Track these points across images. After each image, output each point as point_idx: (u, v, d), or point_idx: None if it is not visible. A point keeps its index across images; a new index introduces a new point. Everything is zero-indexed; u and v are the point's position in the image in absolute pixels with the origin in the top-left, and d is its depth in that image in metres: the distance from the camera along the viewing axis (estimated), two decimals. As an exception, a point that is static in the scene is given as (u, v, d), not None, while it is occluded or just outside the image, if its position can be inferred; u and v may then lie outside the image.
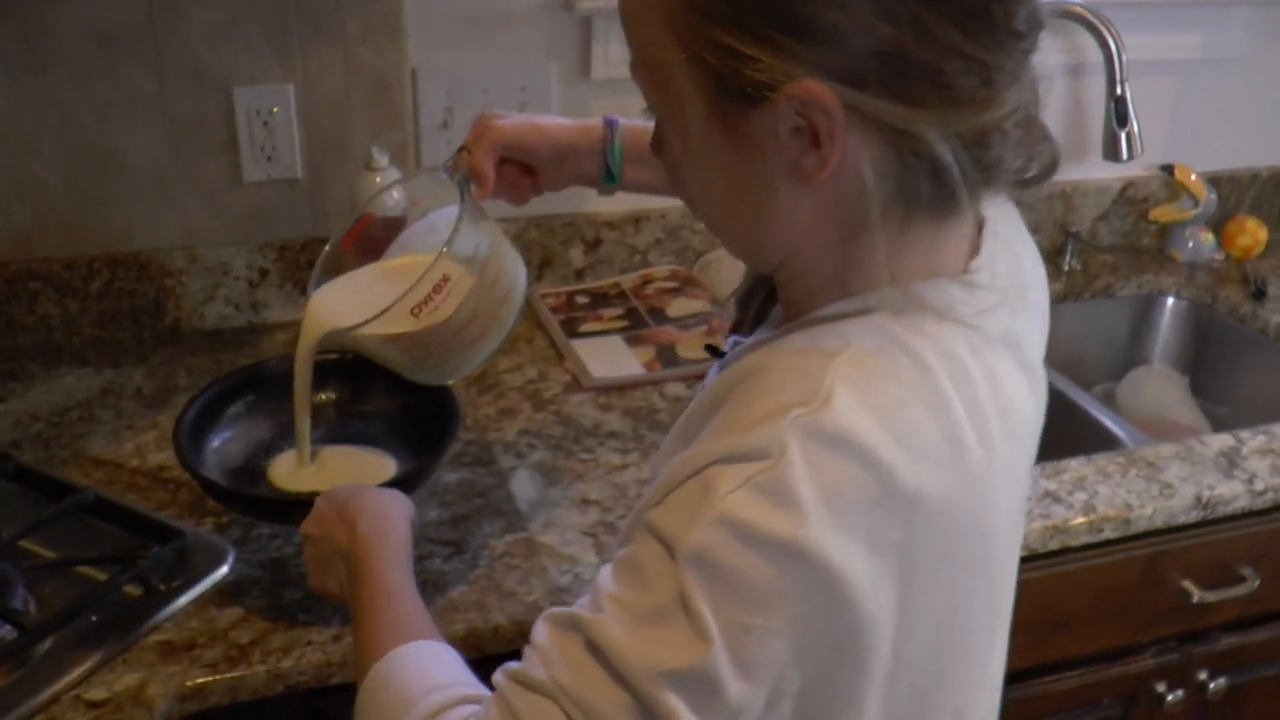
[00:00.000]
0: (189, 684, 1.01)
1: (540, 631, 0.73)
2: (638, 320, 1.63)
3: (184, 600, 1.09)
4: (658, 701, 0.66)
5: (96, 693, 0.99)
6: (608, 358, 1.53)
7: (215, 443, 1.24)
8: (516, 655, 1.10)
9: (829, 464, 0.66)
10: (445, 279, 1.04)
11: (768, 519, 0.65)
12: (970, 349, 0.72)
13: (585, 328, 1.61)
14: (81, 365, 1.54)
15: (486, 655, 1.09)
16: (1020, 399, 0.76)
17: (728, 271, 1.73)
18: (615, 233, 1.75)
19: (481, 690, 0.79)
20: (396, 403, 1.28)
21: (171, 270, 1.59)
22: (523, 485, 1.29)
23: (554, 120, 1.13)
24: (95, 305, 1.58)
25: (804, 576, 0.65)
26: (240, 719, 1.05)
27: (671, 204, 1.78)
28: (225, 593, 1.11)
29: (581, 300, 1.68)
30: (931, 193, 0.70)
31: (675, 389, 1.50)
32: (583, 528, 1.22)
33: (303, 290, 1.63)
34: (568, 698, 0.68)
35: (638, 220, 1.76)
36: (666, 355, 1.55)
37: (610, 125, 1.13)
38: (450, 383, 1.21)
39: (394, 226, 1.20)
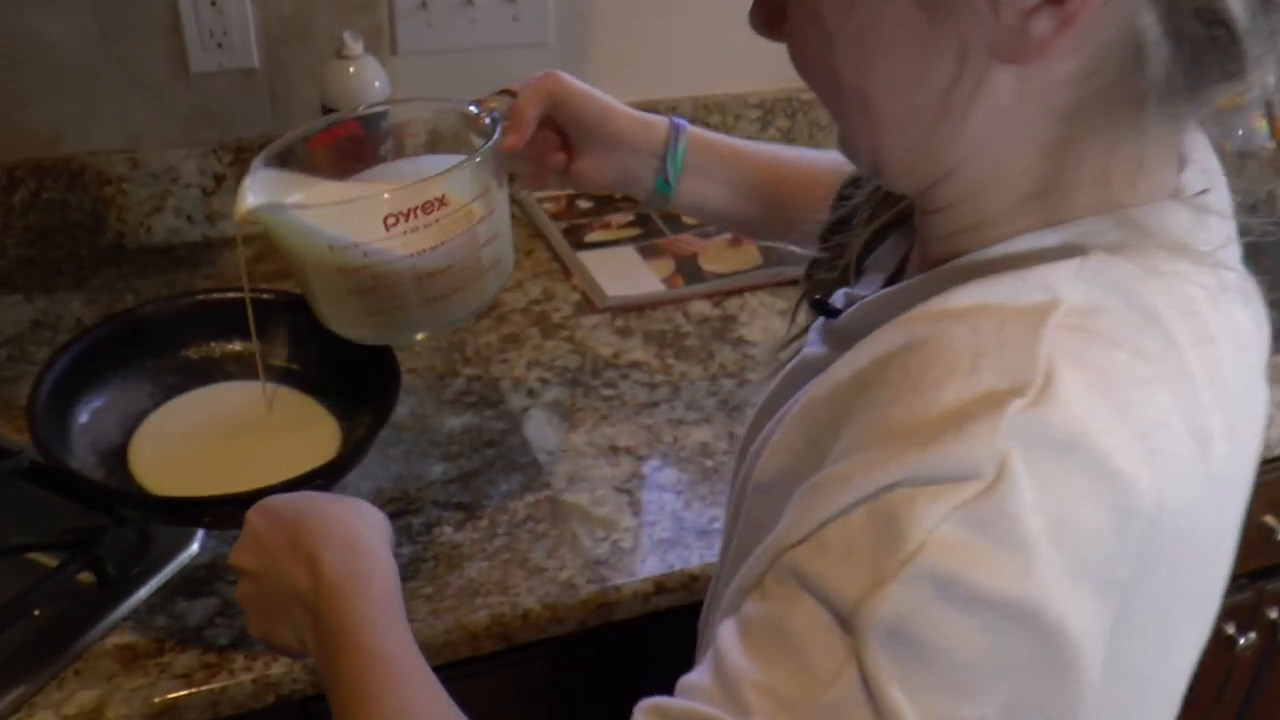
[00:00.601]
0: (158, 700, 0.82)
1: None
2: (651, 228, 1.43)
3: (147, 590, 0.90)
4: None
5: (42, 717, 0.80)
6: (621, 272, 1.34)
7: (83, 417, 0.97)
8: (551, 643, 0.97)
9: (1060, 483, 0.47)
10: (441, 202, 0.84)
11: (988, 569, 0.46)
12: (1211, 300, 0.54)
13: (592, 237, 1.40)
14: (8, 291, 1.32)
15: (514, 645, 0.92)
16: (1260, 365, 0.58)
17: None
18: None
19: None
20: (317, 355, 1.03)
21: (110, 177, 1.37)
22: (539, 430, 1.10)
23: (620, 104, 0.94)
24: (20, 220, 1.36)
25: (1028, 644, 0.47)
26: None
27: (683, 94, 1.57)
28: (197, 580, 0.92)
29: (584, 205, 1.47)
30: (1185, 77, 0.50)
31: (701, 308, 1.31)
32: (615, 482, 1.04)
33: (265, 199, 1.42)
34: None
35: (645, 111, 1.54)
36: (688, 269, 1.35)
37: (677, 128, 0.94)
38: (384, 344, 0.98)
39: (374, 148, 0.98)
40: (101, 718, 0.81)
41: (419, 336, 1.02)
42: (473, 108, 0.91)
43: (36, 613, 0.87)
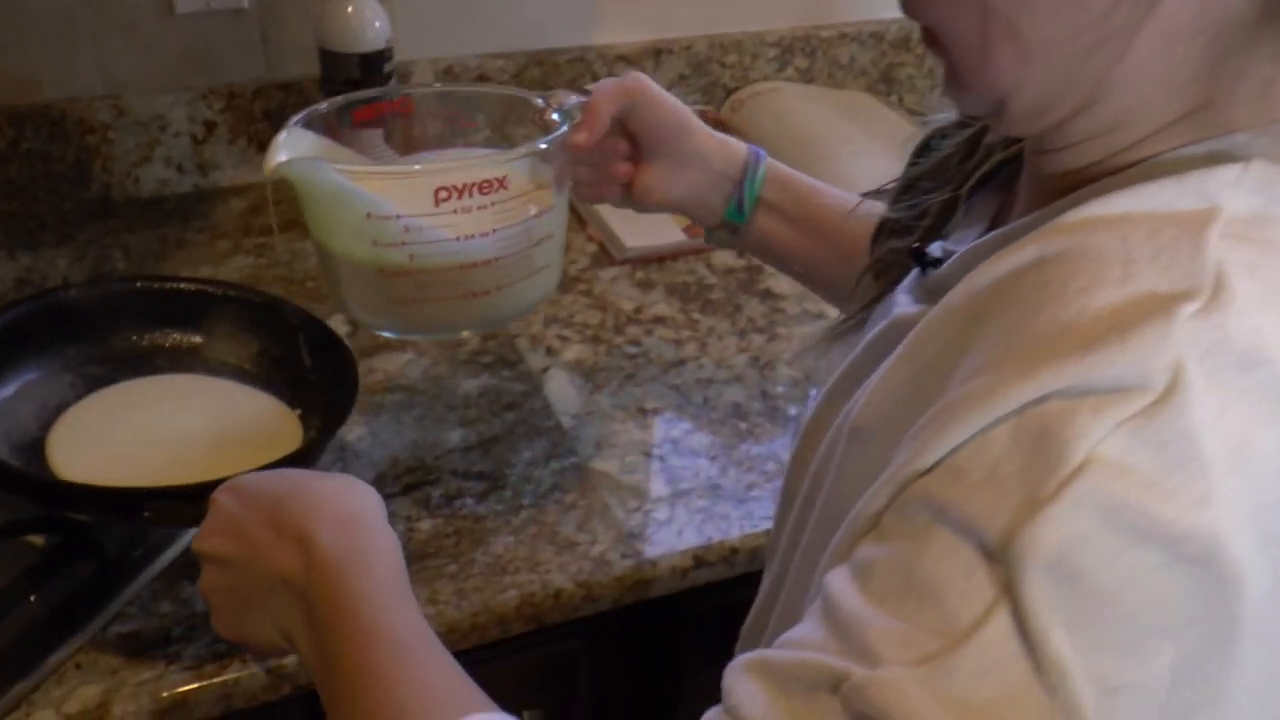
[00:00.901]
0: (166, 695, 0.76)
1: (744, 695, 0.46)
2: (669, 173, 1.35)
3: (149, 574, 0.84)
4: None
5: (42, 716, 0.74)
6: (640, 222, 1.25)
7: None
8: (585, 623, 0.90)
9: (1240, 402, 0.41)
10: (501, 183, 0.75)
11: (1162, 494, 0.40)
12: None
13: (607, 184, 1.33)
14: (-11, 248, 1.24)
15: (545, 625, 0.86)
16: None
17: (765, 114, 1.46)
18: (632, 69, 1.46)
19: None
20: (270, 352, 0.95)
21: (94, 126, 1.28)
22: (561, 391, 1.03)
23: (700, 121, 0.87)
24: (0, 172, 1.28)
25: (1202, 591, 0.40)
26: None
27: (697, 33, 1.49)
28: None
29: (597, 149, 1.39)
30: None
31: (724, 258, 1.24)
32: (645, 447, 0.98)
33: (260, 147, 1.34)
34: None
35: (658, 53, 1.47)
36: (709, 216, 1.28)
37: (757, 154, 0.87)
38: (404, 338, 0.93)
39: (424, 130, 0.90)
40: (107, 715, 0.75)
41: (443, 337, 0.93)
42: (540, 100, 0.85)
43: (32, 599, 0.81)
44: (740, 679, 0.46)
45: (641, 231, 1.24)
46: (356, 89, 1.07)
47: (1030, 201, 0.56)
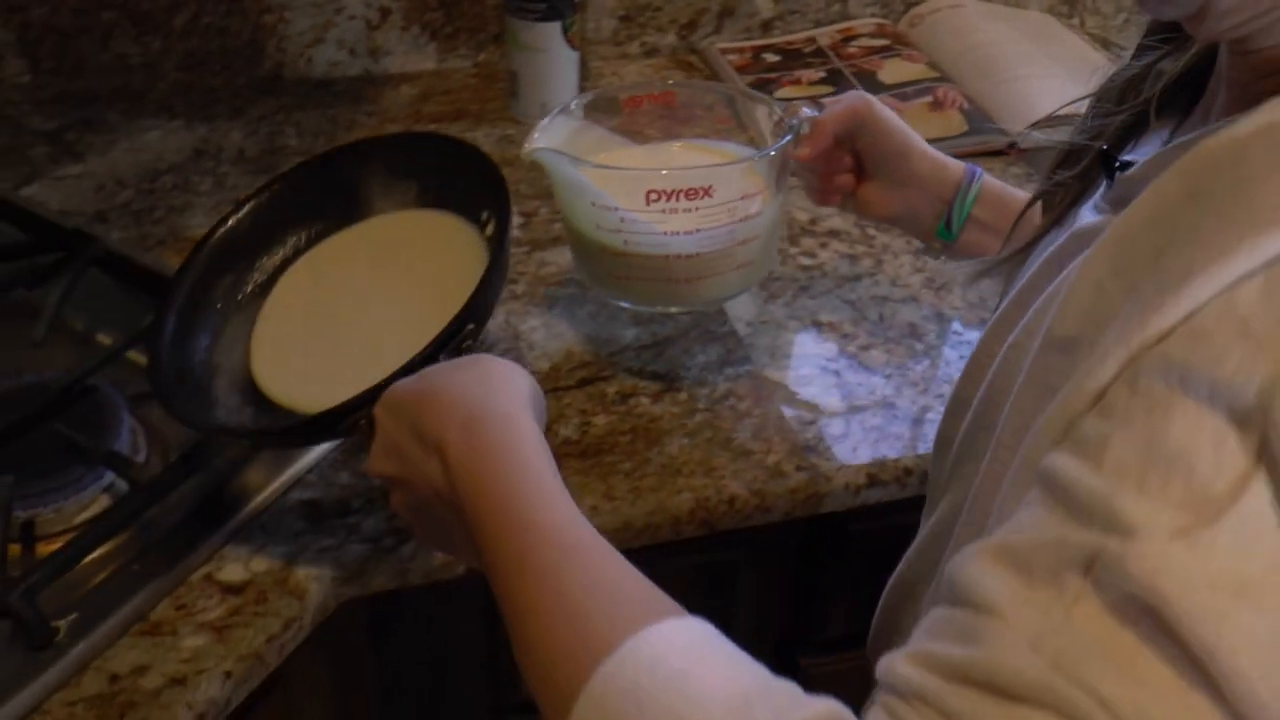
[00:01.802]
0: (346, 562, 0.77)
1: (992, 579, 0.42)
2: (845, 86, 1.31)
3: (330, 444, 0.84)
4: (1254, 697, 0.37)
5: (232, 572, 0.76)
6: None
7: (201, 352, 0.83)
8: (747, 533, 0.90)
9: None
10: (706, 192, 0.83)
11: None
12: None
13: (781, 94, 1.30)
14: (169, 118, 1.26)
15: (717, 531, 0.85)
16: None
17: (944, 31, 1.41)
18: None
19: (799, 693, 0.46)
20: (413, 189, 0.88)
21: (271, 5, 1.29)
22: (737, 299, 1.02)
23: (921, 142, 0.90)
24: (180, 44, 1.29)
25: None
26: (411, 607, 0.83)
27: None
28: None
29: (770, 58, 1.36)
30: None
31: (899, 176, 1.21)
32: (821, 360, 0.96)
33: (432, 36, 1.33)
34: (1101, 706, 0.38)
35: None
36: (885, 132, 1.24)
37: (972, 174, 0.89)
38: (627, 306, 0.96)
39: (681, 120, 0.97)
40: (290, 574, 0.76)
41: (650, 310, 0.96)
42: (779, 108, 0.90)
43: (215, 460, 0.82)
44: (974, 569, 0.43)
45: (816, 143, 1.21)
46: (669, 112, 1.04)
47: (1235, 106, 0.52)
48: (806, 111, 0.88)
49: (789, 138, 0.86)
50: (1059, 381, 0.46)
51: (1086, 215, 0.62)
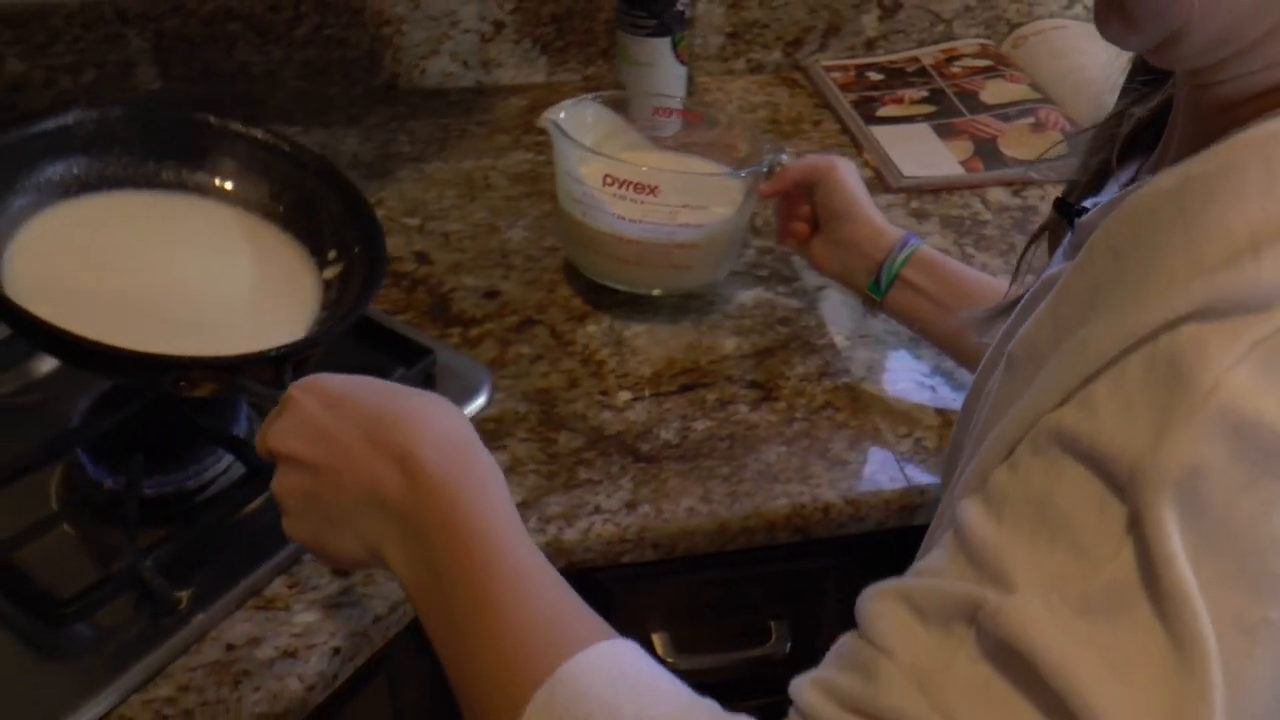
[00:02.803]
0: (453, 552, 0.80)
1: (890, 623, 0.46)
2: (947, 106, 1.32)
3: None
4: None
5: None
6: (917, 151, 1.24)
7: None
8: (837, 542, 0.91)
9: None
10: (652, 191, 0.95)
11: None
12: None
13: (884, 112, 1.31)
14: (287, 123, 1.30)
15: (811, 539, 0.87)
16: None
17: (1045, 52, 1.41)
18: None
19: (719, 711, 0.51)
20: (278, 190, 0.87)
21: (389, 17, 1.33)
22: (835, 311, 1.03)
23: (874, 213, 0.96)
24: (300, 54, 1.33)
25: None
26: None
27: (989, -39, 1.45)
28: (483, 433, 0.89)
29: (874, 77, 1.37)
30: None
31: (1000, 196, 1.21)
32: (918, 375, 0.97)
33: (543, 50, 1.37)
34: None
35: None
36: (988, 152, 1.25)
37: (904, 241, 0.94)
38: (588, 275, 1.05)
39: (694, 134, 1.09)
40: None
41: (606, 283, 1.03)
42: (770, 149, 1.00)
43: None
44: (878, 607, 0.47)
45: (918, 161, 1.22)
46: (689, 126, 1.11)
47: (1184, 148, 0.53)
48: (782, 157, 0.98)
49: (746, 172, 0.98)
50: (1004, 406, 0.50)
51: (1057, 261, 0.65)
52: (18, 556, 0.76)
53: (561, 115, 0.99)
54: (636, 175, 0.95)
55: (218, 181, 0.86)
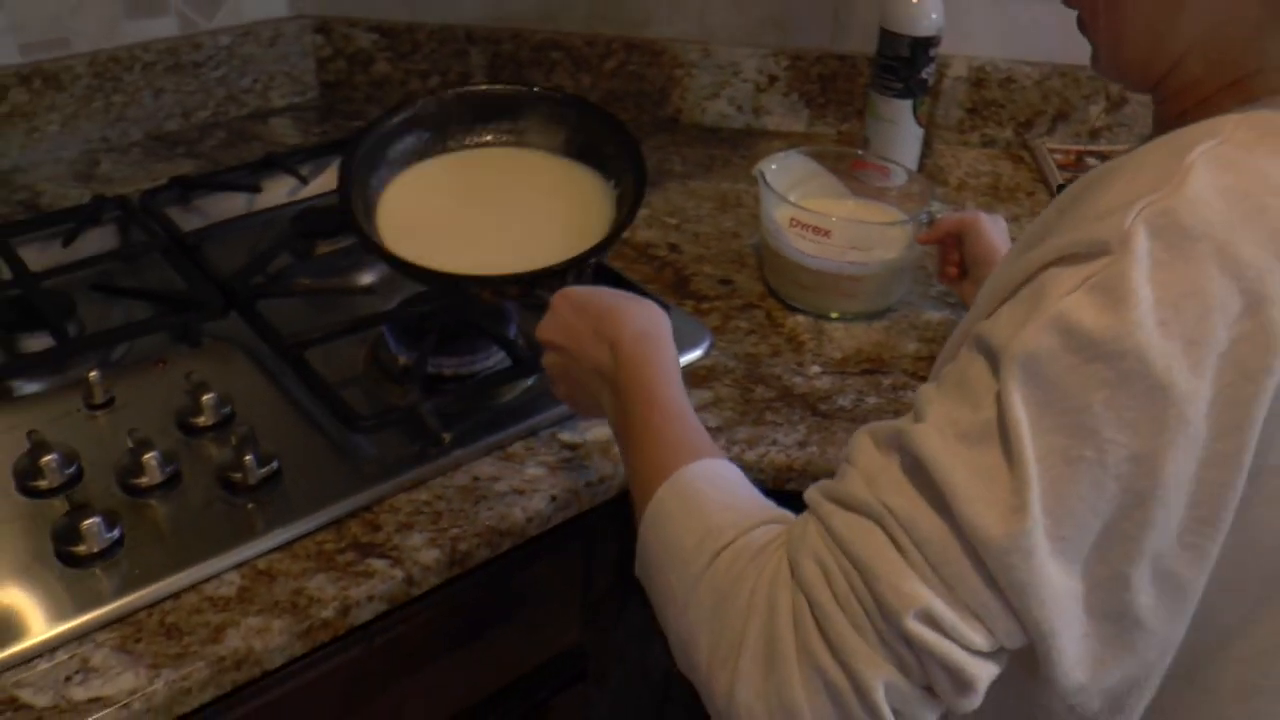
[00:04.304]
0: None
1: (860, 447, 0.66)
2: (1160, 197, 1.46)
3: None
4: (974, 533, 0.58)
5: (571, 436, 1.01)
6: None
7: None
8: None
9: (1179, 259, 0.56)
10: (826, 234, 1.18)
11: (1102, 321, 0.55)
12: None
13: (1099, 194, 1.46)
14: (584, 139, 1.57)
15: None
16: None
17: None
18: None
19: (782, 511, 0.73)
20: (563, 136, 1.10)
21: (683, 62, 1.59)
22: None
23: None
24: (605, 83, 1.60)
25: (1141, 399, 0.55)
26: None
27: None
28: (697, 376, 1.10)
29: (1092, 162, 1.53)
30: None
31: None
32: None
33: (809, 104, 1.59)
34: (895, 520, 0.61)
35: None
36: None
37: None
38: (781, 298, 1.25)
39: (877, 184, 1.30)
40: (611, 448, 1.00)
41: (790, 301, 1.24)
42: (935, 203, 1.21)
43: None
44: (855, 440, 0.68)
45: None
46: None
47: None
48: (936, 211, 1.14)
49: (909, 221, 1.18)
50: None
51: None
52: (331, 390, 1.02)
53: (773, 166, 1.25)
54: (814, 220, 1.18)
55: (527, 134, 1.11)
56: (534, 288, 0.93)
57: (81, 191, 1.34)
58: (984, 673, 0.61)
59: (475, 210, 1.05)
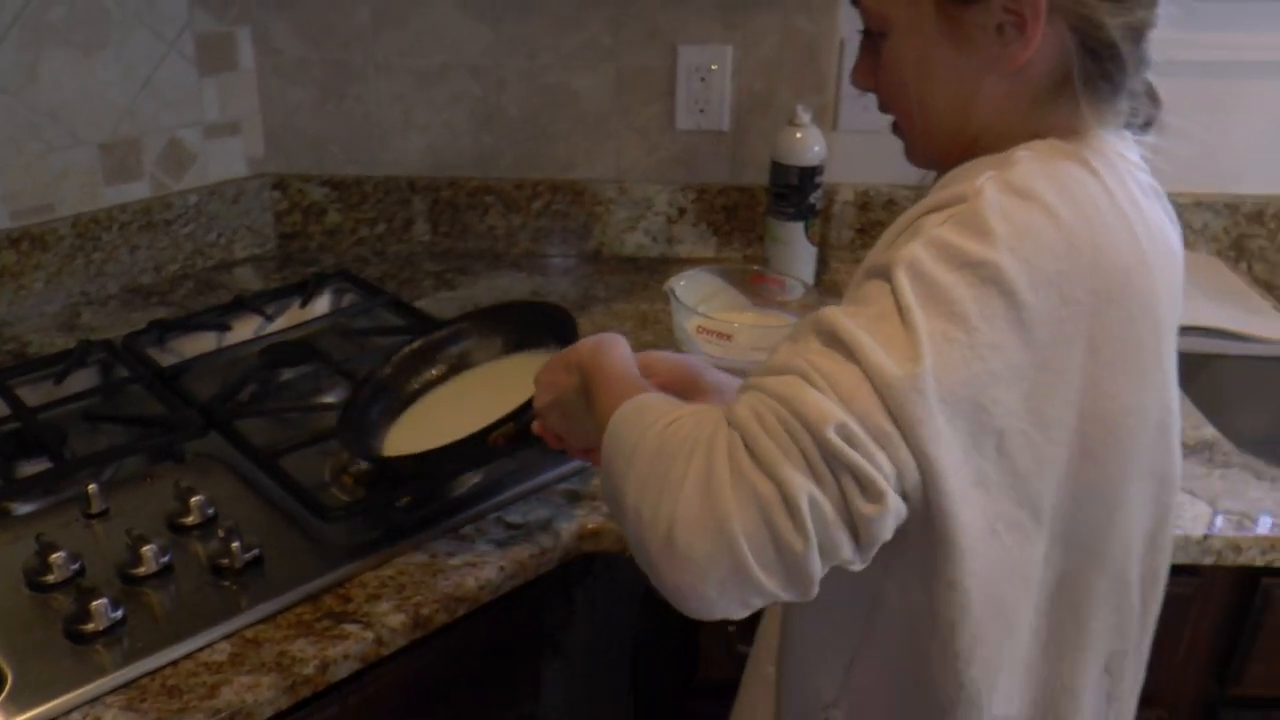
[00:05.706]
0: (589, 526, 1.16)
1: (780, 346, 0.80)
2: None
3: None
4: (879, 376, 0.71)
5: (514, 517, 1.16)
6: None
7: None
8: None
9: (1018, 209, 0.75)
10: (728, 338, 1.40)
11: (967, 241, 0.74)
12: (1126, 175, 0.83)
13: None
14: (516, 270, 1.75)
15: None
16: (1167, 236, 0.86)
17: None
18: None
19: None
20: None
21: (602, 200, 1.78)
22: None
23: None
24: (534, 222, 1.80)
25: (1000, 302, 0.73)
26: (626, 579, 1.20)
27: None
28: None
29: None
30: (1098, 72, 0.82)
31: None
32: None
33: (716, 232, 1.79)
34: (816, 371, 0.73)
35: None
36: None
37: None
38: None
39: (775, 297, 1.51)
40: (550, 524, 1.15)
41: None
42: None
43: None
44: (798, 329, 0.80)
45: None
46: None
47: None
48: None
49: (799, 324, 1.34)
50: None
51: None
52: (304, 489, 1.16)
53: (682, 283, 1.46)
54: (718, 326, 1.39)
55: (470, 355, 1.32)
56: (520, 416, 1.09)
57: (66, 339, 1.49)
58: (890, 499, 0.71)
59: (459, 421, 1.18)
